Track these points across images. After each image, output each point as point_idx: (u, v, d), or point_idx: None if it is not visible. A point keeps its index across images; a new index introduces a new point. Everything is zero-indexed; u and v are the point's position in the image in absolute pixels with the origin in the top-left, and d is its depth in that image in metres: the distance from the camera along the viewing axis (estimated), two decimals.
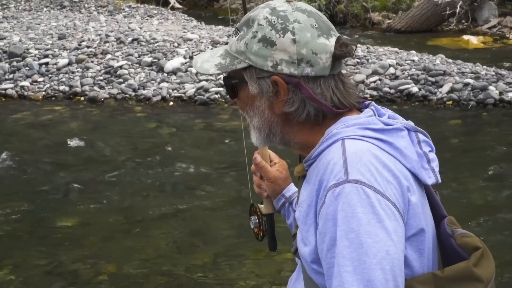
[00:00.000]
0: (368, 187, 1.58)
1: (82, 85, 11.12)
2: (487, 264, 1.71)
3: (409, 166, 1.69)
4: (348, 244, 1.54)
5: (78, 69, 11.66)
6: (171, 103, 10.49)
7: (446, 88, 10.65)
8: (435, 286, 1.64)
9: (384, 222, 1.56)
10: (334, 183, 1.60)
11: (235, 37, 1.82)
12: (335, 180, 1.60)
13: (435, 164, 1.75)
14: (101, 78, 11.36)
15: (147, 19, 17.95)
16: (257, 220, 2.32)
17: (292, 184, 2.30)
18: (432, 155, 1.77)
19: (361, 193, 1.57)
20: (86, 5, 19.74)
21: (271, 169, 2.25)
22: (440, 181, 1.74)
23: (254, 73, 1.78)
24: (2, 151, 8.52)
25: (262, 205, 2.34)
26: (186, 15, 19.63)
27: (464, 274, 1.67)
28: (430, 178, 1.72)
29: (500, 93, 10.45)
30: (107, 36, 13.17)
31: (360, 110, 1.84)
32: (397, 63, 11.60)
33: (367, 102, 1.86)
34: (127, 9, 19.55)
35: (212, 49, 1.84)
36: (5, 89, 11.10)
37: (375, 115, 1.78)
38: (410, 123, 1.79)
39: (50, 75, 11.56)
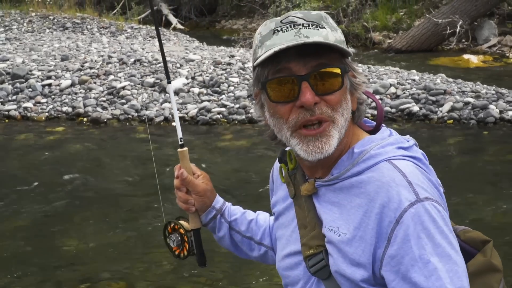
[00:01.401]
0: (435, 202, 1.64)
1: (85, 106, 11.18)
2: (497, 255, 1.81)
3: (434, 180, 1.75)
4: (439, 259, 1.58)
5: (81, 90, 11.72)
6: (174, 123, 10.52)
7: (446, 107, 10.69)
8: None
9: (452, 233, 1.65)
10: (408, 204, 1.61)
11: (318, 29, 1.70)
12: (407, 201, 1.62)
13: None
14: (104, 99, 11.42)
15: (149, 40, 18.03)
16: (179, 238, 2.21)
17: (218, 195, 2.24)
18: (431, 167, 1.81)
19: (434, 209, 1.62)
20: (88, 27, 19.81)
21: (199, 183, 2.18)
22: (443, 190, 1.79)
23: (350, 64, 1.77)
24: (5, 171, 8.56)
25: (183, 222, 2.24)
26: (188, 36, 19.70)
27: (486, 267, 1.76)
28: (440, 188, 1.78)
29: (501, 112, 10.47)
30: (109, 57, 13.24)
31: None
32: (398, 83, 11.64)
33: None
34: (129, 30, 19.61)
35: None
36: (8, 111, 11.17)
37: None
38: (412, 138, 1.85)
39: (53, 96, 11.62)
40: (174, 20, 23.02)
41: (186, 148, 2.21)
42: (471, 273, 1.71)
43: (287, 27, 1.70)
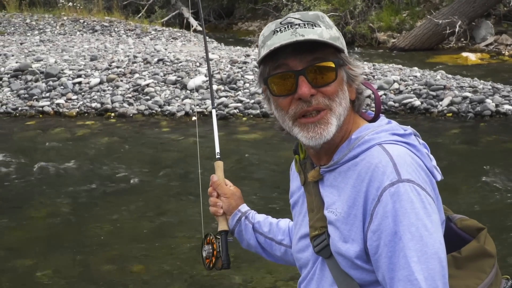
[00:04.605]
0: (417, 185, 1.63)
1: (112, 102, 11.21)
2: (491, 241, 1.80)
3: (428, 165, 1.74)
4: (411, 237, 1.58)
5: (109, 88, 11.75)
6: (194, 118, 10.55)
7: (446, 101, 10.63)
8: (455, 266, 1.71)
9: (431, 216, 1.62)
10: (388, 183, 1.62)
11: (313, 27, 1.72)
12: (389, 180, 1.62)
13: (435, 162, 1.80)
14: (130, 95, 11.44)
15: (171, 41, 18.04)
16: (211, 248, 2.21)
17: (245, 204, 2.29)
18: (431, 155, 1.81)
19: (413, 191, 1.61)
20: (116, 29, 19.87)
21: (227, 187, 2.27)
22: (442, 177, 1.78)
23: (346, 58, 1.79)
24: (41, 162, 8.60)
25: (217, 236, 2.23)
26: (207, 37, 19.66)
27: (479, 252, 1.75)
28: (438, 175, 1.76)
29: (497, 106, 10.41)
30: (135, 57, 13.26)
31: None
32: (401, 79, 11.58)
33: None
34: (153, 32, 19.66)
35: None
36: (42, 107, 11.23)
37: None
38: (411, 128, 1.84)
39: (83, 93, 11.65)
40: (194, 23, 22.99)
41: (221, 162, 2.33)
42: (465, 258, 1.73)
43: (285, 28, 1.73)
